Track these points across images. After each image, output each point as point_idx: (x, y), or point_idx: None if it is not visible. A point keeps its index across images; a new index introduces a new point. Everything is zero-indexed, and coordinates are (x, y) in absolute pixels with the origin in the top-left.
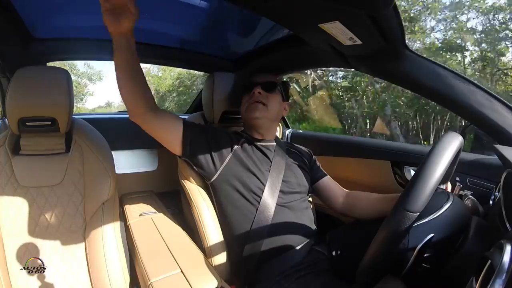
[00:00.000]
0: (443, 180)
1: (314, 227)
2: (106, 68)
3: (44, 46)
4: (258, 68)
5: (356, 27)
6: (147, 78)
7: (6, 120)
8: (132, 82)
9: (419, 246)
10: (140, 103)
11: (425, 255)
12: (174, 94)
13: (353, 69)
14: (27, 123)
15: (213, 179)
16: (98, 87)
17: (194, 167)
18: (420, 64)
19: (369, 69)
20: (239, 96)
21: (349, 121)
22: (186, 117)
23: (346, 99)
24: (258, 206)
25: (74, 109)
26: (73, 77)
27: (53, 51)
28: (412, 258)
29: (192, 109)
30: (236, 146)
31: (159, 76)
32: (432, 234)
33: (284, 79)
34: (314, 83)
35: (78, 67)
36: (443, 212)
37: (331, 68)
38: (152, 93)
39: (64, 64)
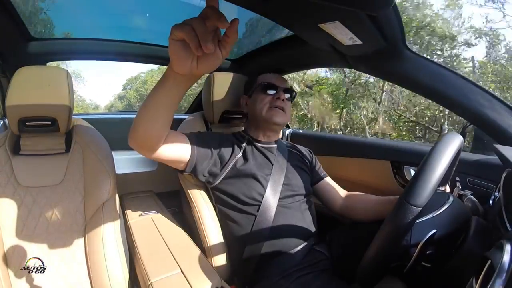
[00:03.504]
0: (443, 182)
1: (314, 227)
2: (98, 99)
3: (44, 46)
4: (262, 68)
5: (356, 27)
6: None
7: (6, 120)
8: (165, 121)
9: (422, 241)
10: (160, 140)
11: (427, 252)
12: None
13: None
14: (27, 123)
15: (213, 185)
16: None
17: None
18: (420, 64)
19: (369, 69)
20: (240, 95)
21: None
22: (186, 117)
23: None
24: (259, 208)
25: None
26: (82, 105)
27: (53, 51)
28: (414, 255)
29: (192, 109)
30: (238, 153)
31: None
32: (435, 230)
33: None
34: None
35: (87, 102)
36: (444, 209)
37: None
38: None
39: (77, 102)
